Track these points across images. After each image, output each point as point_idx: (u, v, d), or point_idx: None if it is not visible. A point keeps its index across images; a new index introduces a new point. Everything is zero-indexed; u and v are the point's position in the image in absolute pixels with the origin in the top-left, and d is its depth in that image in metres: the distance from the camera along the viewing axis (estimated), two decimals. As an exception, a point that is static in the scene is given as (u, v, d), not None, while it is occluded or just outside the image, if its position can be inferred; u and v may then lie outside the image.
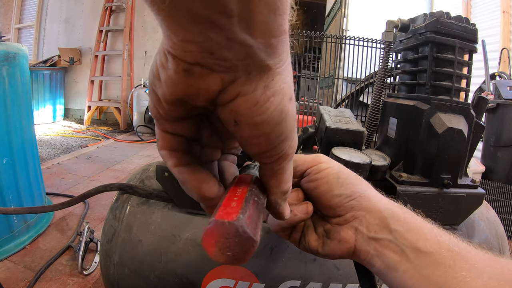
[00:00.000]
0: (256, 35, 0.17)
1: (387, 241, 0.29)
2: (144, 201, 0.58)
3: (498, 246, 0.59)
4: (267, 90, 0.19)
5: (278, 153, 0.22)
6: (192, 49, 0.17)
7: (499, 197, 1.75)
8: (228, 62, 0.18)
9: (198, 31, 0.16)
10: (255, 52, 0.18)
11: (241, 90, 0.19)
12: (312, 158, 0.33)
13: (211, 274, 0.51)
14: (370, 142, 0.84)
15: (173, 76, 0.18)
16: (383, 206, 0.31)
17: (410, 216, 0.30)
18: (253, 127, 0.20)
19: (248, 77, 0.19)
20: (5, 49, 1.22)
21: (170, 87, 0.19)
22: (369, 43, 1.84)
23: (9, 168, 1.27)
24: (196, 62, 0.18)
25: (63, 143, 3.23)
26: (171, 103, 0.20)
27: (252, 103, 0.19)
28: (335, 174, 0.32)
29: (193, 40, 0.17)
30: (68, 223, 1.56)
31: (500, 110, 1.89)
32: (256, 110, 0.20)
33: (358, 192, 0.31)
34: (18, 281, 1.11)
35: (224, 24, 0.16)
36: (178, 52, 0.17)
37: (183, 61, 0.18)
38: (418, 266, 0.27)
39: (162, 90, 0.20)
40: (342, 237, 0.31)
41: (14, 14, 5.11)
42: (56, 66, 4.42)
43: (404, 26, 0.70)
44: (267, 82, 0.19)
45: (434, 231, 0.29)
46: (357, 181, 0.32)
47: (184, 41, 0.17)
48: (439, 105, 0.56)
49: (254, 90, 0.19)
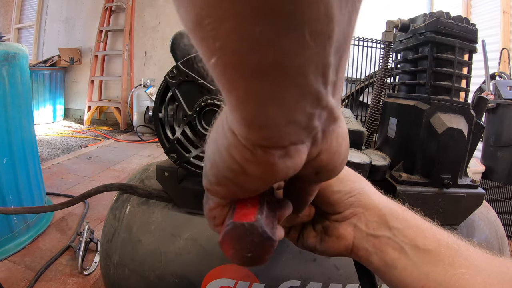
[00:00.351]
0: (336, 94, 0.16)
1: (386, 238, 0.29)
2: (144, 201, 0.58)
3: (498, 246, 0.59)
4: (338, 138, 0.20)
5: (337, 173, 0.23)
6: (290, 131, 0.15)
7: (499, 197, 1.75)
8: (315, 130, 0.17)
9: (301, 110, 0.14)
10: (335, 111, 0.17)
11: (321, 148, 0.19)
12: None
13: (211, 274, 0.51)
14: (370, 142, 0.84)
15: (269, 169, 0.17)
16: (382, 204, 0.31)
17: (408, 214, 0.30)
18: (333, 170, 0.22)
19: (324, 135, 0.18)
20: (5, 49, 1.22)
21: (267, 179, 0.18)
22: (369, 43, 1.84)
23: (9, 168, 1.27)
24: (291, 142, 0.16)
25: (63, 143, 3.23)
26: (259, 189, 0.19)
27: (331, 155, 0.20)
28: None
29: (294, 121, 0.15)
30: (68, 223, 1.56)
31: (500, 110, 1.89)
32: (335, 159, 0.21)
33: (357, 189, 0.31)
34: (18, 281, 1.11)
35: (323, 95, 0.15)
36: (271, 141, 0.16)
37: (278, 148, 0.16)
38: (417, 263, 0.27)
39: (254, 184, 0.18)
40: (340, 233, 0.31)
41: (14, 14, 5.11)
42: (56, 66, 4.42)
43: (404, 26, 0.70)
44: (338, 132, 0.20)
45: (433, 229, 0.29)
46: (356, 178, 0.32)
47: (284, 125, 0.15)
48: (439, 105, 0.56)
49: (330, 144, 0.19)
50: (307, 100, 0.14)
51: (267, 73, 0.13)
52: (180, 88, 0.45)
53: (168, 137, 0.48)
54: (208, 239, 0.53)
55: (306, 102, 0.14)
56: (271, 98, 0.14)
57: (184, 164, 0.48)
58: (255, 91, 0.13)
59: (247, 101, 0.14)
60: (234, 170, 0.18)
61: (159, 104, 0.48)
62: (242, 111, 0.15)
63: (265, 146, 0.16)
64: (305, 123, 0.15)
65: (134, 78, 4.52)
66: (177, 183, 0.54)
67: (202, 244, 0.53)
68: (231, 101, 0.15)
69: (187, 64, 0.44)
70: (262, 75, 0.13)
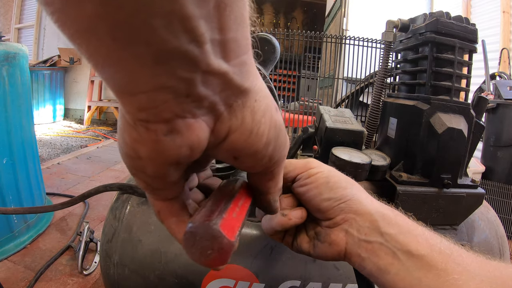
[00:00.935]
0: (230, 58, 0.15)
1: (378, 244, 0.29)
2: (144, 201, 0.58)
3: (498, 246, 0.59)
4: (255, 115, 0.18)
5: (278, 161, 0.22)
6: (165, 99, 0.14)
7: (499, 197, 1.75)
8: (206, 100, 0.15)
9: (166, 73, 0.13)
10: (231, 78, 0.15)
11: (230, 126, 0.17)
12: (303, 163, 0.33)
13: (211, 274, 0.51)
14: (370, 142, 0.84)
15: (156, 147, 0.15)
16: (373, 209, 0.31)
17: (401, 219, 0.30)
18: (255, 155, 0.19)
19: (230, 110, 0.17)
20: (5, 49, 1.22)
21: (158, 160, 0.16)
22: (369, 43, 1.84)
23: (9, 168, 1.27)
24: (175, 114, 0.15)
25: (63, 143, 3.23)
26: (165, 175, 0.17)
27: (246, 135, 0.18)
28: (324, 178, 0.32)
29: (163, 86, 0.13)
30: (68, 223, 1.56)
31: (500, 110, 1.89)
32: (252, 139, 0.18)
33: (347, 196, 0.31)
34: (18, 281, 1.11)
35: (196, 55, 0.13)
36: (149, 112, 0.14)
37: (160, 122, 0.15)
38: (410, 268, 0.27)
39: (150, 168, 0.17)
40: (332, 239, 0.31)
41: (14, 14, 5.11)
42: (56, 66, 4.42)
43: (404, 26, 0.70)
44: (252, 106, 0.18)
45: (425, 234, 0.29)
46: (347, 185, 0.32)
47: (152, 91, 0.13)
48: (439, 105, 0.56)
49: (242, 120, 0.17)
50: (174, 62, 0.13)
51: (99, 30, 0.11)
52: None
53: (168, 137, 0.48)
54: (208, 239, 0.53)
55: (173, 63, 0.13)
56: (124, 59, 0.12)
57: (184, 164, 0.48)
58: (104, 53, 0.12)
59: (105, 66, 0.13)
60: (129, 156, 0.16)
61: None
62: (108, 80, 0.14)
63: (144, 120, 0.15)
64: (184, 90, 0.14)
65: (134, 78, 4.52)
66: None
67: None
68: (98, 71, 0.14)
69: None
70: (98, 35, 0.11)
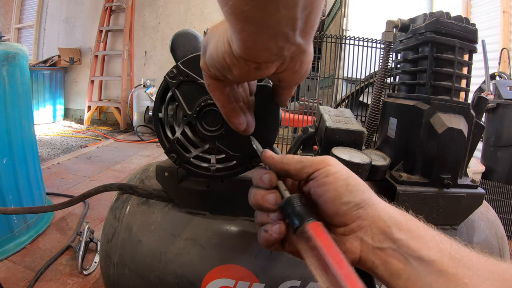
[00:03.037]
0: (306, 37, 0.26)
1: (391, 250, 0.29)
2: (144, 201, 0.58)
3: (498, 246, 0.59)
4: (303, 64, 0.30)
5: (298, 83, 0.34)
6: (264, 55, 0.25)
7: (499, 197, 1.75)
8: (284, 56, 0.27)
9: (273, 43, 0.24)
10: (302, 46, 0.26)
11: (287, 67, 0.29)
12: (321, 160, 0.32)
13: (211, 274, 0.51)
14: (370, 142, 0.84)
15: (245, 72, 0.27)
16: (387, 215, 0.30)
17: (412, 224, 0.30)
18: (290, 81, 0.32)
19: (292, 60, 0.28)
20: (5, 49, 1.22)
21: (242, 77, 0.28)
22: (369, 43, 1.84)
23: (9, 168, 1.27)
24: (265, 61, 0.26)
25: (63, 143, 3.23)
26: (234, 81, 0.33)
27: (293, 73, 0.30)
28: (344, 180, 0.31)
29: (267, 49, 0.25)
30: (68, 223, 1.56)
31: (500, 110, 1.89)
32: (296, 76, 0.31)
33: (365, 200, 0.30)
34: (18, 281, 1.11)
35: (291, 36, 0.24)
36: (251, 57, 0.26)
37: (255, 62, 0.26)
38: (421, 273, 0.27)
39: (230, 76, 0.29)
40: (347, 248, 0.31)
41: (14, 14, 5.11)
42: (56, 66, 4.42)
43: (404, 26, 0.70)
44: (303, 59, 0.29)
45: (436, 238, 0.29)
46: (365, 188, 0.31)
47: (260, 49, 0.25)
48: (439, 105, 0.56)
49: (294, 66, 0.29)
50: (279, 38, 0.24)
51: (255, 21, 0.22)
52: (180, 88, 0.45)
53: (168, 137, 0.48)
54: (208, 239, 0.53)
55: (278, 39, 0.24)
56: (256, 34, 0.23)
57: (184, 164, 0.48)
58: (247, 29, 0.23)
59: (242, 33, 0.24)
60: (223, 66, 0.28)
61: (159, 104, 0.48)
62: (238, 38, 0.24)
63: (247, 59, 0.26)
64: (276, 51, 0.25)
65: (134, 78, 4.52)
66: (177, 183, 0.54)
67: (202, 244, 0.53)
68: (234, 30, 0.24)
69: (187, 64, 0.44)
70: (252, 21, 0.23)
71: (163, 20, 4.47)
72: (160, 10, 4.46)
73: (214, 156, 0.48)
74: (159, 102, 0.47)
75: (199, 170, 0.48)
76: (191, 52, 0.46)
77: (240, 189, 0.53)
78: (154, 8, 4.47)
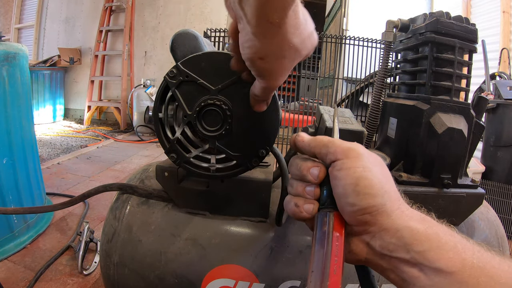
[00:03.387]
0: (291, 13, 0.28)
1: (404, 260, 0.27)
2: (144, 201, 0.58)
3: (498, 246, 0.59)
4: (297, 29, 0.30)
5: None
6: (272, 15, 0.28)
7: (499, 197, 1.75)
8: (286, 22, 0.29)
9: (276, 9, 0.27)
10: (298, 14, 0.29)
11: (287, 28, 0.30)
12: (345, 148, 0.30)
13: (211, 274, 0.51)
14: (370, 142, 0.84)
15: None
16: (402, 224, 0.28)
17: (432, 232, 0.27)
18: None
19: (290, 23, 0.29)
20: (5, 49, 1.22)
21: None
22: (369, 43, 1.84)
23: (9, 168, 1.27)
24: (278, 19, 0.28)
25: (63, 143, 3.23)
26: None
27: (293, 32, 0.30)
28: (353, 179, 0.28)
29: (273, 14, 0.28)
30: (68, 223, 1.56)
31: (500, 110, 1.89)
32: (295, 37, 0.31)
33: (375, 207, 0.28)
34: (18, 281, 1.11)
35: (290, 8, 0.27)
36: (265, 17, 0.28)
37: (269, 24, 0.28)
38: (438, 284, 0.25)
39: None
40: (351, 248, 0.29)
41: (14, 14, 5.11)
42: (56, 66, 4.42)
43: (404, 26, 0.70)
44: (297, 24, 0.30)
45: (458, 247, 0.27)
46: (379, 192, 0.28)
47: None
48: (439, 105, 0.56)
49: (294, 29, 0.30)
50: None
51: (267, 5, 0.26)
52: (180, 88, 0.45)
53: (168, 137, 0.48)
54: (208, 239, 0.53)
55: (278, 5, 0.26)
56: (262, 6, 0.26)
57: (184, 164, 0.48)
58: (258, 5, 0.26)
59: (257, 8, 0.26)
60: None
61: (159, 104, 0.48)
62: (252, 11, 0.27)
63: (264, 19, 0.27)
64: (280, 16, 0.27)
65: (134, 78, 4.52)
66: (177, 183, 0.54)
67: (202, 244, 0.53)
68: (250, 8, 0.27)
69: (187, 64, 0.44)
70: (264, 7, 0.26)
71: (163, 20, 4.47)
72: (160, 10, 4.46)
73: (214, 156, 0.48)
74: (159, 102, 0.48)
75: (199, 170, 0.48)
76: (191, 52, 0.46)
77: (240, 189, 0.53)
78: (154, 8, 4.47)
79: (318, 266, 0.27)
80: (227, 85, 0.44)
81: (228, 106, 0.44)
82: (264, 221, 0.54)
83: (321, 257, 0.27)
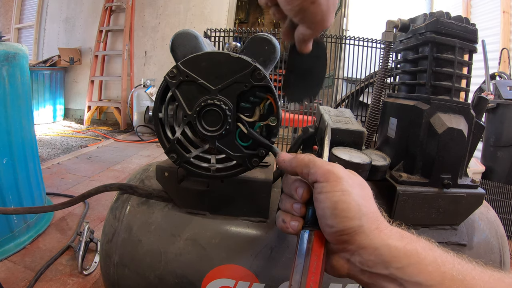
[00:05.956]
0: None
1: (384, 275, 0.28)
2: (144, 201, 0.58)
3: (498, 246, 0.59)
4: None
5: None
6: None
7: (499, 197, 1.75)
8: None
9: None
10: None
11: None
12: (325, 171, 0.31)
13: (211, 274, 0.51)
14: (370, 142, 0.84)
15: None
16: (380, 242, 0.29)
17: (411, 249, 0.29)
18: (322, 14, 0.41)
19: None
20: (5, 49, 1.22)
21: None
22: (369, 43, 1.84)
23: (9, 168, 1.27)
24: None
25: (63, 143, 3.23)
26: None
27: None
28: (332, 203, 0.30)
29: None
30: (68, 223, 1.56)
31: (500, 110, 1.89)
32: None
33: (352, 228, 0.29)
34: (18, 281, 1.11)
35: None
36: None
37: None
38: None
39: None
40: (333, 264, 0.32)
41: (14, 14, 5.11)
42: (56, 66, 4.42)
43: (404, 26, 0.69)
44: None
45: (437, 261, 0.28)
46: (356, 214, 0.30)
47: None
48: (439, 105, 0.56)
49: None
50: None
51: None
52: (180, 88, 0.45)
53: (168, 137, 0.48)
54: (208, 239, 0.53)
55: None
56: None
57: (184, 164, 0.48)
58: None
59: None
60: None
61: (159, 104, 0.48)
62: None
63: None
64: None
65: (134, 78, 4.52)
66: (177, 183, 0.54)
67: (202, 244, 0.53)
68: None
69: (187, 64, 0.44)
70: None
71: (163, 20, 4.47)
72: (160, 10, 4.46)
73: (214, 156, 0.48)
74: (159, 102, 0.48)
75: (199, 170, 0.48)
76: (191, 52, 0.46)
77: (240, 189, 0.53)
78: (154, 8, 4.47)
79: (296, 281, 0.29)
80: (227, 85, 0.44)
81: (228, 106, 0.44)
82: (264, 221, 0.54)
83: (299, 273, 0.30)
